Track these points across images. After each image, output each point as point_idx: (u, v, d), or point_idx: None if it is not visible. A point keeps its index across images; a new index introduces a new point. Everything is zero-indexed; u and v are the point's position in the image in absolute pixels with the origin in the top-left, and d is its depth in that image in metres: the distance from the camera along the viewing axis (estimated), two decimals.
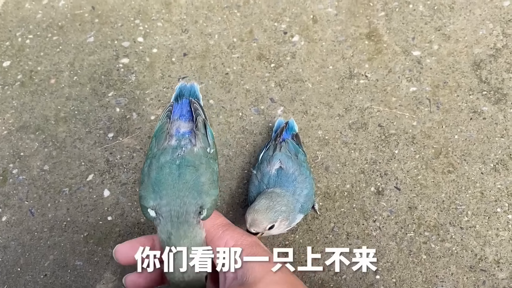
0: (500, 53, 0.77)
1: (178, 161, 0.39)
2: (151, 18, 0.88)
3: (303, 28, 0.84)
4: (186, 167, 0.39)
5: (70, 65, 0.83)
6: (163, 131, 0.43)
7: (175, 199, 0.38)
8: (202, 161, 0.40)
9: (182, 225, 0.37)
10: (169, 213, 0.37)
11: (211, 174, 0.40)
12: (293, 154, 0.63)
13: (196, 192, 0.38)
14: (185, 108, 0.46)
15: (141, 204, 0.40)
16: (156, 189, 0.39)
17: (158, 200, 0.38)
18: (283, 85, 0.79)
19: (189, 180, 0.38)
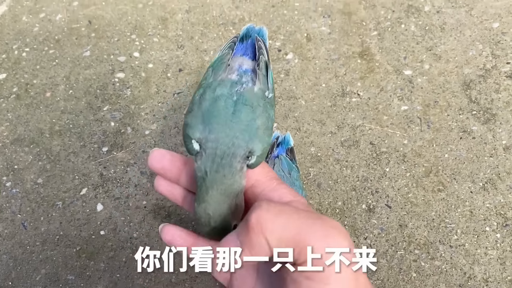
0: (490, 73, 0.79)
1: (235, 97, 0.36)
2: (148, 33, 0.89)
3: (297, 46, 0.85)
4: (243, 105, 0.36)
5: (66, 78, 0.84)
6: (223, 62, 0.39)
7: (225, 137, 0.35)
8: (260, 104, 0.37)
9: (224, 167, 0.34)
10: (214, 150, 0.35)
11: (267, 119, 0.36)
12: (286, 172, 0.64)
13: (248, 135, 0.35)
14: (250, 48, 0.41)
15: (186, 134, 0.37)
16: (206, 121, 0.36)
17: (206, 133, 0.35)
18: (277, 102, 0.80)
19: (244, 120, 0.36)
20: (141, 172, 0.73)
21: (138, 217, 0.70)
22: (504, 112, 0.75)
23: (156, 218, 0.69)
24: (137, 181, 0.73)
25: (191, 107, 0.37)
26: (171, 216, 0.69)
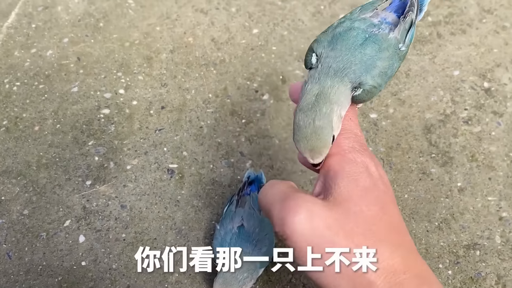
0: (449, 119, 0.85)
1: (368, 35, 0.38)
2: (133, 71, 0.94)
3: (273, 87, 0.91)
4: (372, 42, 0.37)
5: (54, 113, 0.89)
6: (373, 6, 0.41)
7: (344, 57, 0.36)
8: (389, 49, 0.37)
9: (335, 79, 0.36)
10: (330, 65, 0.36)
11: (389, 66, 0.37)
12: (256, 209, 0.69)
13: (365, 68, 0.36)
14: (401, 8, 0.41)
15: (310, 47, 0.39)
16: (333, 41, 0.37)
17: (329, 50, 0.37)
18: (253, 140, 0.85)
19: (368, 54, 0.37)
20: (121, 206, 0.78)
21: (118, 249, 0.74)
22: (461, 156, 0.81)
23: (134, 251, 0.74)
24: (118, 214, 0.77)
25: (327, 29, 0.40)
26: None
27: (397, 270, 0.32)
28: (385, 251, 0.32)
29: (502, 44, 0.93)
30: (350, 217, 0.33)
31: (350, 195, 0.33)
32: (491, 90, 0.88)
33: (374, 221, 0.33)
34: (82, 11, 1.05)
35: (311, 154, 0.35)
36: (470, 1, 1.00)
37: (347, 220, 0.33)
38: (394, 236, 0.34)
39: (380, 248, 0.32)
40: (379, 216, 0.33)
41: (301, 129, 0.35)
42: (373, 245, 0.32)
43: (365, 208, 0.33)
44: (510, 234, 0.74)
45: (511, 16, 0.97)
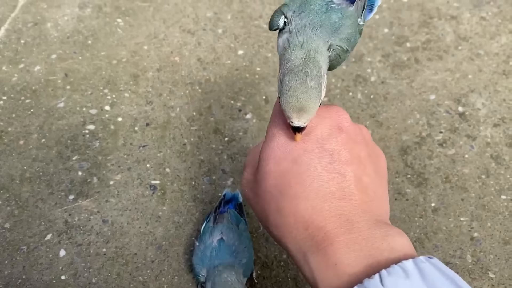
0: (424, 141, 0.88)
1: (329, 7, 0.38)
2: (119, 88, 0.96)
3: (256, 107, 0.94)
4: (335, 10, 0.38)
5: (39, 128, 0.90)
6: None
7: (314, 20, 0.37)
8: (351, 18, 0.38)
9: (313, 38, 0.36)
10: (304, 24, 0.37)
11: (352, 32, 0.38)
12: (234, 224, 0.71)
13: (332, 31, 0.37)
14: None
15: (279, 9, 0.39)
16: (301, 7, 0.38)
17: (297, 13, 0.37)
18: (235, 158, 0.87)
19: (333, 18, 0.37)
20: (103, 221, 0.79)
21: (98, 263, 0.75)
22: (435, 177, 0.84)
23: (114, 265, 0.75)
24: (99, 229, 0.78)
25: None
26: (128, 264, 0.75)
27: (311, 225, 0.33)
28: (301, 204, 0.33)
29: (476, 71, 0.97)
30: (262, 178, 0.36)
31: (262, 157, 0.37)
32: (465, 115, 0.91)
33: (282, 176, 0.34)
34: (71, 28, 1.07)
35: (299, 115, 0.35)
36: (447, 29, 1.04)
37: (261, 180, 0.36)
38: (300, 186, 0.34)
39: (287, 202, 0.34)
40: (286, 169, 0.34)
41: (293, 89, 0.35)
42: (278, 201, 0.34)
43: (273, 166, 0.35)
44: (480, 253, 0.76)
45: (485, 44, 1.01)
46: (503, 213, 0.79)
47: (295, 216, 0.33)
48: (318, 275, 0.31)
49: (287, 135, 0.36)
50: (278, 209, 0.34)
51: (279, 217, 0.33)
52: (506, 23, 1.05)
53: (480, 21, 1.05)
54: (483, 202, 0.81)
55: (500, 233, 0.78)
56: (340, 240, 0.31)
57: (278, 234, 0.34)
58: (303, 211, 0.32)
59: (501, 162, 0.85)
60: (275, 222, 0.34)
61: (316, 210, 0.32)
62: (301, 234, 0.32)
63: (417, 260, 0.28)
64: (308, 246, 0.32)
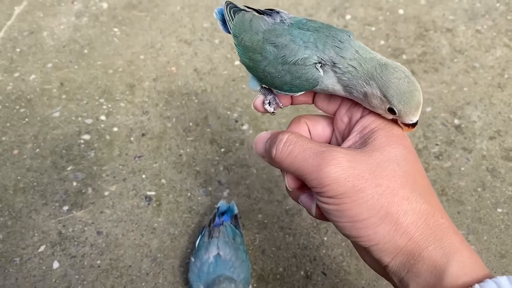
0: (420, 153, 0.88)
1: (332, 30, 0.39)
2: (115, 98, 0.96)
3: (252, 118, 0.93)
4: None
5: (34, 137, 0.89)
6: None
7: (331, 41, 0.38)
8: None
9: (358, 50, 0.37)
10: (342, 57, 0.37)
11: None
12: (230, 238, 0.70)
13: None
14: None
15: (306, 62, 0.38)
16: (318, 42, 0.38)
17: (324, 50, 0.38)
18: (231, 169, 0.87)
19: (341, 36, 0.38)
20: (97, 232, 0.78)
21: (92, 276, 0.74)
22: None
23: (108, 278, 0.74)
24: (93, 240, 0.77)
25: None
26: (122, 277, 0.74)
27: (436, 213, 0.34)
28: (424, 193, 0.34)
29: (471, 83, 0.98)
30: (392, 161, 0.34)
31: (390, 141, 0.35)
32: (461, 127, 0.92)
33: (412, 166, 0.35)
34: (68, 37, 1.06)
35: (418, 111, 0.36)
36: (442, 41, 1.05)
37: (388, 163, 0.34)
38: (426, 182, 0.36)
39: (418, 189, 0.34)
40: (415, 162, 0.36)
41: (413, 84, 0.35)
42: (413, 187, 0.34)
43: (406, 153, 0.35)
44: None
45: (480, 57, 1.02)
46: (499, 226, 0.79)
47: (432, 206, 0.34)
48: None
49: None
50: (416, 194, 0.34)
51: (417, 202, 0.34)
52: (501, 36, 1.05)
53: (475, 34, 1.06)
54: (479, 215, 0.81)
55: (496, 246, 0.78)
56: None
57: (409, 219, 0.33)
58: (436, 203, 0.35)
59: (497, 175, 0.85)
60: (409, 207, 0.34)
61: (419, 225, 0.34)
62: (437, 220, 0.34)
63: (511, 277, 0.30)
64: (444, 233, 0.33)
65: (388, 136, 0.36)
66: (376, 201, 0.33)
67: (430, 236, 0.33)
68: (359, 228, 0.33)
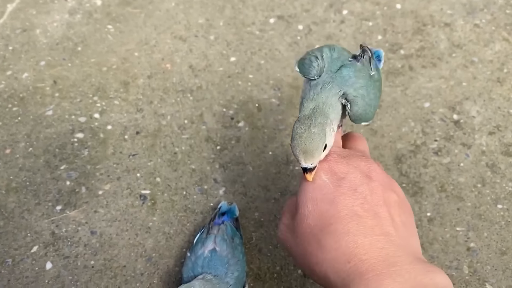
0: (419, 149, 0.87)
1: (342, 64, 0.45)
2: (109, 96, 0.94)
3: (248, 115, 0.92)
4: (345, 68, 0.45)
5: (27, 136, 0.88)
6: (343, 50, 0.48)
7: (327, 79, 0.44)
8: (362, 71, 0.45)
9: (324, 94, 0.43)
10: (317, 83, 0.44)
11: (365, 82, 0.44)
12: (229, 237, 0.69)
13: (343, 82, 0.44)
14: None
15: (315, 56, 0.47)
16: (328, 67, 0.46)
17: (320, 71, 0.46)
18: (227, 167, 0.86)
19: (344, 74, 0.44)
20: (91, 232, 0.77)
21: (85, 276, 0.73)
22: (430, 186, 0.83)
23: (102, 278, 0.72)
24: (87, 240, 0.76)
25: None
26: (117, 277, 0.73)
27: (341, 260, 0.35)
28: (328, 241, 0.36)
29: (470, 78, 0.96)
30: (301, 221, 0.39)
31: (300, 201, 0.40)
32: (460, 122, 0.90)
33: (320, 217, 0.38)
34: (61, 34, 1.05)
35: (304, 157, 0.40)
36: (440, 36, 1.04)
37: (299, 224, 0.39)
38: (341, 225, 0.36)
39: (324, 240, 0.36)
40: (325, 210, 0.38)
41: (298, 134, 0.41)
42: (318, 240, 0.37)
43: (312, 208, 0.39)
44: (477, 264, 0.75)
45: (479, 51, 1.00)
46: (500, 223, 0.78)
47: (337, 250, 0.35)
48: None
49: (323, 175, 0.40)
50: (319, 246, 0.36)
51: (321, 253, 0.36)
52: (500, 30, 1.04)
53: (474, 28, 1.05)
54: (479, 212, 0.80)
55: (497, 243, 0.76)
56: (384, 272, 0.32)
57: (320, 271, 0.36)
58: (344, 245, 0.35)
59: (496, 171, 0.84)
60: (317, 260, 0.36)
61: (358, 245, 0.34)
62: (343, 267, 0.34)
63: None
64: (351, 279, 0.33)
65: (300, 194, 0.41)
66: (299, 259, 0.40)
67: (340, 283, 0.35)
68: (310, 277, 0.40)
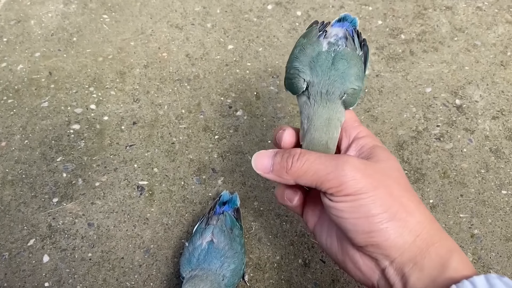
0: (421, 135, 0.85)
1: (333, 54, 0.45)
2: (105, 86, 0.93)
3: (247, 103, 0.90)
4: (339, 59, 0.44)
5: (22, 128, 0.87)
6: (313, 33, 0.48)
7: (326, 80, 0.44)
8: (353, 58, 0.45)
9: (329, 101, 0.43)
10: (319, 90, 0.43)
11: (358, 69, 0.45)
12: (228, 228, 0.68)
13: (342, 81, 0.44)
14: (345, 26, 0.50)
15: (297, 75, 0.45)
16: (312, 68, 0.44)
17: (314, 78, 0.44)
18: (225, 157, 0.84)
19: (340, 69, 0.44)
20: (88, 224, 0.76)
21: (83, 269, 0.72)
22: (433, 172, 0.81)
23: (100, 271, 0.71)
24: (84, 232, 0.75)
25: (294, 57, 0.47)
26: (115, 269, 0.72)
27: (433, 219, 0.38)
28: (419, 216, 0.38)
29: (473, 62, 0.94)
30: (395, 171, 0.40)
31: (389, 157, 0.41)
32: (463, 107, 0.88)
33: (407, 187, 0.40)
34: (56, 25, 1.03)
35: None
36: (442, 20, 1.01)
37: (392, 171, 0.39)
38: (423, 207, 0.39)
39: (416, 199, 0.39)
40: (408, 185, 0.40)
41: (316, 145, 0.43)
42: (415, 194, 0.39)
43: (401, 169, 0.41)
44: (481, 251, 0.73)
45: (481, 35, 0.98)
46: (504, 209, 0.77)
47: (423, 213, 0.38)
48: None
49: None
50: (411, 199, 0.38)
51: (420, 205, 0.39)
52: (503, 13, 1.02)
53: (476, 11, 1.03)
54: (483, 198, 0.78)
55: (501, 229, 0.75)
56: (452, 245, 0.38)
57: (417, 218, 0.37)
58: (423, 210, 0.38)
59: (500, 156, 0.82)
60: (416, 208, 0.38)
61: (425, 225, 0.38)
62: (437, 224, 0.38)
63: (489, 276, 0.31)
64: (444, 235, 0.38)
65: (386, 153, 0.41)
66: (387, 199, 0.37)
67: (435, 235, 0.37)
68: (372, 222, 0.37)
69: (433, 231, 0.37)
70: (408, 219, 0.37)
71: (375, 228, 0.36)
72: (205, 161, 0.84)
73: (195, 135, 0.87)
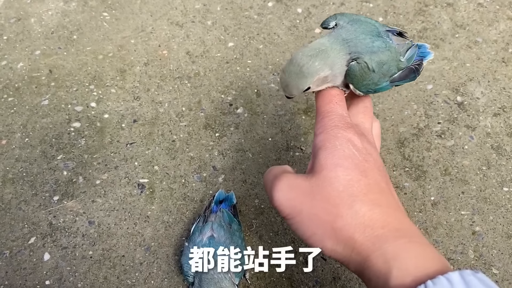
0: (422, 132, 0.85)
1: (380, 35, 0.44)
2: (106, 84, 0.93)
3: (247, 101, 0.90)
4: (381, 41, 0.44)
5: (23, 126, 0.87)
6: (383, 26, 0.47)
7: (356, 35, 0.43)
8: (392, 51, 0.44)
9: (339, 45, 0.42)
10: (341, 34, 0.43)
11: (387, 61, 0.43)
12: (226, 223, 0.68)
13: (367, 50, 0.42)
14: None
15: (335, 15, 0.46)
16: (355, 22, 0.45)
17: (347, 24, 0.44)
18: (226, 154, 0.84)
19: (375, 45, 0.43)
20: (89, 222, 0.76)
21: (84, 267, 0.72)
22: (434, 170, 0.81)
23: (101, 268, 0.71)
24: (85, 230, 0.75)
25: (350, 14, 0.47)
26: (115, 267, 0.72)
27: (375, 225, 0.35)
28: (362, 208, 0.36)
29: (474, 59, 0.94)
30: (326, 183, 0.37)
31: (326, 164, 0.38)
32: (464, 104, 0.88)
33: (350, 184, 0.37)
34: (56, 23, 1.03)
35: (284, 87, 0.43)
36: (443, 16, 1.01)
37: (323, 185, 0.37)
38: (373, 195, 0.37)
39: (356, 205, 0.36)
40: (356, 179, 0.37)
41: (290, 65, 0.41)
42: (349, 204, 0.36)
43: (341, 174, 0.37)
44: (483, 248, 0.73)
45: (483, 31, 0.98)
46: (506, 206, 0.76)
47: (371, 218, 0.35)
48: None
49: (350, 146, 0.39)
50: (350, 210, 0.36)
51: (351, 218, 0.36)
52: (504, 9, 1.01)
53: (477, 7, 1.02)
54: (485, 195, 0.78)
55: (503, 226, 0.75)
56: (415, 240, 0.35)
57: (345, 234, 0.36)
58: (378, 213, 0.36)
59: (502, 153, 0.82)
60: (344, 223, 0.36)
61: (389, 215, 0.36)
62: (374, 232, 0.35)
63: (464, 272, 0.30)
64: (383, 242, 0.34)
65: (326, 157, 0.38)
66: (315, 220, 0.36)
67: (370, 247, 0.35)
68: (310, 243, 0.37)
69: (368, 242, 0.35)
70: (338, 235, 0.36)
71: (316, 245, 0.37)
72: (206, 158, 0.83)
73: (195, 133, 0.86)
